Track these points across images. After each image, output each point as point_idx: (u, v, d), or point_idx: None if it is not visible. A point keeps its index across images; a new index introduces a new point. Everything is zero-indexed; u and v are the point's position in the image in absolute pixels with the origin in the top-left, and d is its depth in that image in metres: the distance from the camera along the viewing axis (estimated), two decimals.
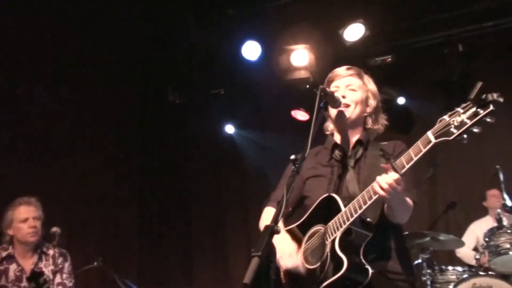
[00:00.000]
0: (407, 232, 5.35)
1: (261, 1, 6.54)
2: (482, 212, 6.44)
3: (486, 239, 5.29)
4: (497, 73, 6.49)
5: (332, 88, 2.83)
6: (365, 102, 2.85)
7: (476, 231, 6.21)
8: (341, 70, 2.89)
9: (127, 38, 6.66)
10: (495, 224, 5.49)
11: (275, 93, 7.15)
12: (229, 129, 7.87)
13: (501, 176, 5.60)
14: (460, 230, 6.33)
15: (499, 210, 5.51)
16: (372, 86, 2.91)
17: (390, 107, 6.40)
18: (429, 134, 2.26)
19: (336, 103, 2.69)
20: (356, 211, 2.45)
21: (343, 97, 2.73)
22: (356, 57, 6.29)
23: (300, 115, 7.08)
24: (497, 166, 5.66)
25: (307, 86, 6.70)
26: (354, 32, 6.39)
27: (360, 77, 2.89)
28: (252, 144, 7.71)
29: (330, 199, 2.63)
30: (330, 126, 2.93)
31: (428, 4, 6.30)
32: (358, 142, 2.82)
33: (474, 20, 6.34)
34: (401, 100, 6.97)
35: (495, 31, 6.34)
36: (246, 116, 7.73)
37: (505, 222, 5.35)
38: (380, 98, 2.93)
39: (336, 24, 6.42)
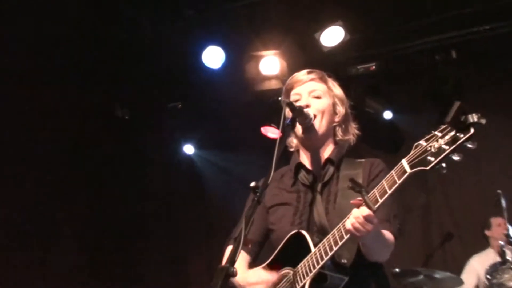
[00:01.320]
0: (397, 270, 5.22)
1: (225, 1, 6.21)
2: (483, 244, 6.21)
3: (488, 276, 5.21)
4: (495, 83, 6.39)
5: (293, 96, 2.73)
6: (332, 110, 2.75)
7: (477, 267, 5.99)
8: (301, 75, 2.77)
9: (62, 40, 6.06)
10: (498, 259, 5.42)
11: (242, 107, 7.01)
12: (188, 149, 7.68)
13: (503, 202, 5.36)
14: (458, 266, 6.16)
15: (502, 243, 5.35)
16: (338, 90, 2.81)
17: (375, 122, 6.72)
18: (404, 162, 2.16)
19: (305, 119, 2.58)
20: (326, 253, 2.34)
21: (307, 106, 2.64)
22: (335, 65, 6.06)
23: (271, 132, 6.82)
24: (499, 191, 5.41)
25: (279, 99, 6.17)
26: (332, 36, 6.17)
27: (324, 81, 2.77)
28: (214, 167, 7.60)
29: (298, 236, 2.52)
30: (294, 141, 2.81)
31: (417, 5, 6.05)
32: (328, 161, 2.69)
33: (469, 24, 6.08)
34: (387, 115, 6.86)
35: (492, 35, 6.08)
36: (207, 134, 7.51)
37: (509, 256, 5.21)
38: (349, 104, 2.82)
39: (312, 27, 6.20)
